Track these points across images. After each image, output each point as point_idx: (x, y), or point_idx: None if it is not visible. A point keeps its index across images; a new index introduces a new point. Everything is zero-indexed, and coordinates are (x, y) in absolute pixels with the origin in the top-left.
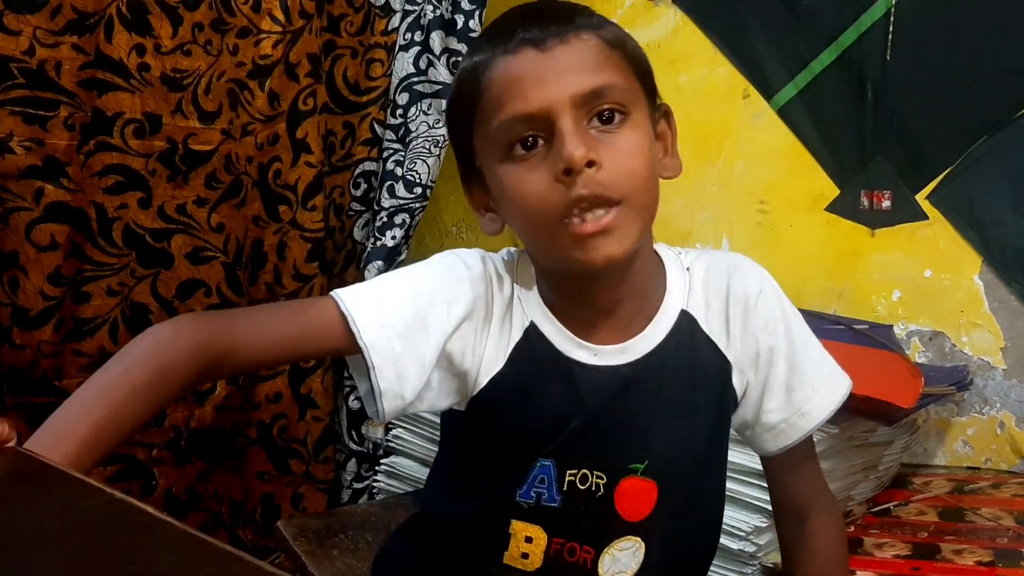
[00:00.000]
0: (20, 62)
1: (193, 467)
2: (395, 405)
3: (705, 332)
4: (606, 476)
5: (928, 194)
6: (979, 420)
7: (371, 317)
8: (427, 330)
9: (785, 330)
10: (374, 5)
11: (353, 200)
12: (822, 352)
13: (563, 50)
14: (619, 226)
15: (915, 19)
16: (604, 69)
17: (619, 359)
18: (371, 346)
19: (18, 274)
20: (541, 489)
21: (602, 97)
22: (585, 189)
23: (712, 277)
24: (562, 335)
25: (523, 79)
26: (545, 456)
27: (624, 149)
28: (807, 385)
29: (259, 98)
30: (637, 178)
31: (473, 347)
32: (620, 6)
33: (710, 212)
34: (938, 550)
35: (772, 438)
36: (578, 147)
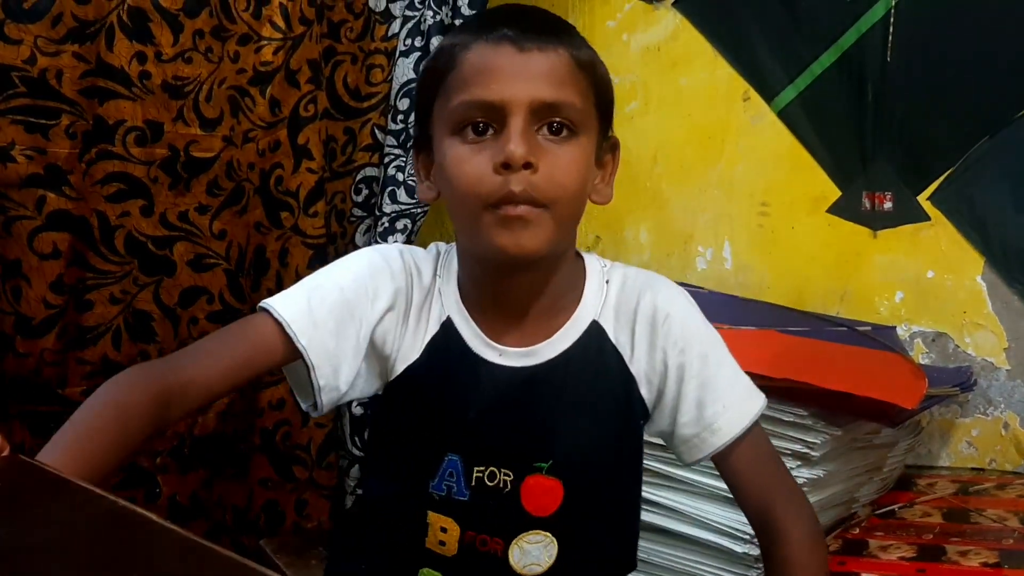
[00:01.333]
0: (21, 71)
1: (196, 474)
2: (332, 397)
3: (613, 343)
4: (512, 473)
5: (930, 195)
6: (983, 421)
7: (305, 320)
8: (355, 323)
9: (695, 350)
10: (374, 11)
11: (355, 206)
12: (736, 371)
13: (537, 57)
14: (536, 223)
15: (915, 20)
16: (567, 87)
17: (523, 361)
18: (308, 346)
19: (20, 283)
20: (451, 482)
21: (557, 111)
22: (518, 187)
23: (625, 293)
24: (473, 332)
25: (494, 70)
26: (453, 451)
27: (561, 161)
28: (718, 402)
29: (260, 105)
30: (565, 190)
31: (394, 335)
32: (620, 9)
33: (711, 215)
34: (943, 552)
35: (687, 451)
36: (520, 146)
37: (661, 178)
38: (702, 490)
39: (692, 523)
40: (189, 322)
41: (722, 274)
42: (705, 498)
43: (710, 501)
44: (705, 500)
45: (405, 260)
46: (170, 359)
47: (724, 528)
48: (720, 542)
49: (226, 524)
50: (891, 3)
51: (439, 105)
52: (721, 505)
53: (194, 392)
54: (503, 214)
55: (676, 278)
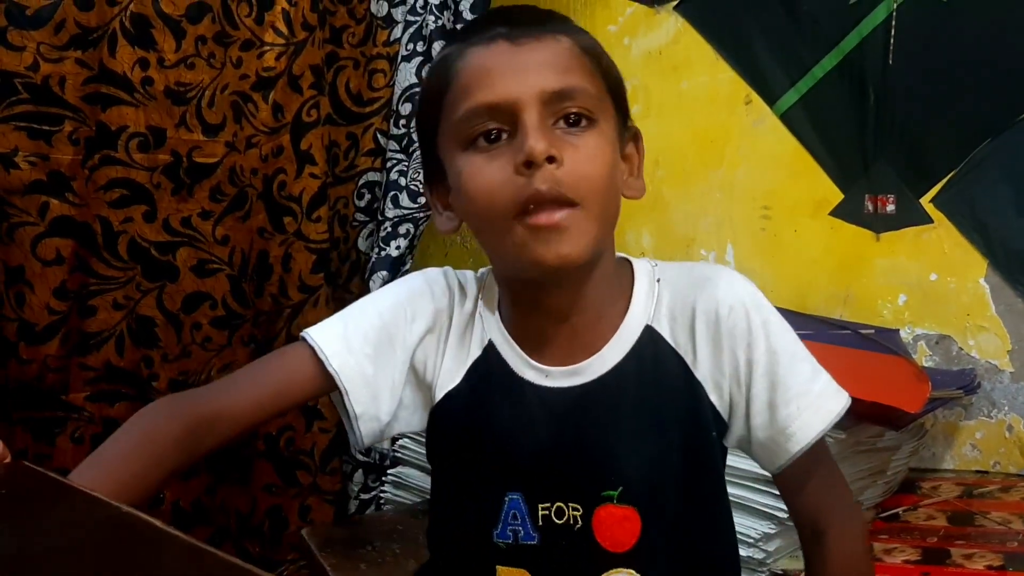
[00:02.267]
0: (24, 77)
1: (200, 480)
2: (372, 428)
3: (672, 347)
4: (581, 507)
5: (932, 198)
6: (987, 423)
7: (339, 345)
8: (394, 349)
9: (764, 344)
10: (376, 16)
11: (357, 211)
12: (814, 368)
13: (536, 47)
14: (572, 226)
15: (916, 23)
16: (575, 72)
17: (572, 380)
18: (341, 371)
19: (24, 289)
20: (516, 526)
21: (570, 99)
22: (544, 184)
23: (680, 289)
24: (515, 354)
25: (493, 70)
26: (512, 489)
27: (586, 152)
28: (791, 403)
29: (263, 110)
30: (596, 182)
31: (434, 360)
32: (621, 13)
33: (713, 218)
34: (948, 555)
35: (765, 456)
36: (540, 140)
37: (663, 182)
38: None
39: None
40: (192, 327)
41: None
42: None
43: None
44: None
45: (448, 281)
46: (201, 390)
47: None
48: None
49: (230, 530)
50: (892, 6)
51: (444, 125)
52: None
53: (225, 423)
54: (534, 223)
55: None
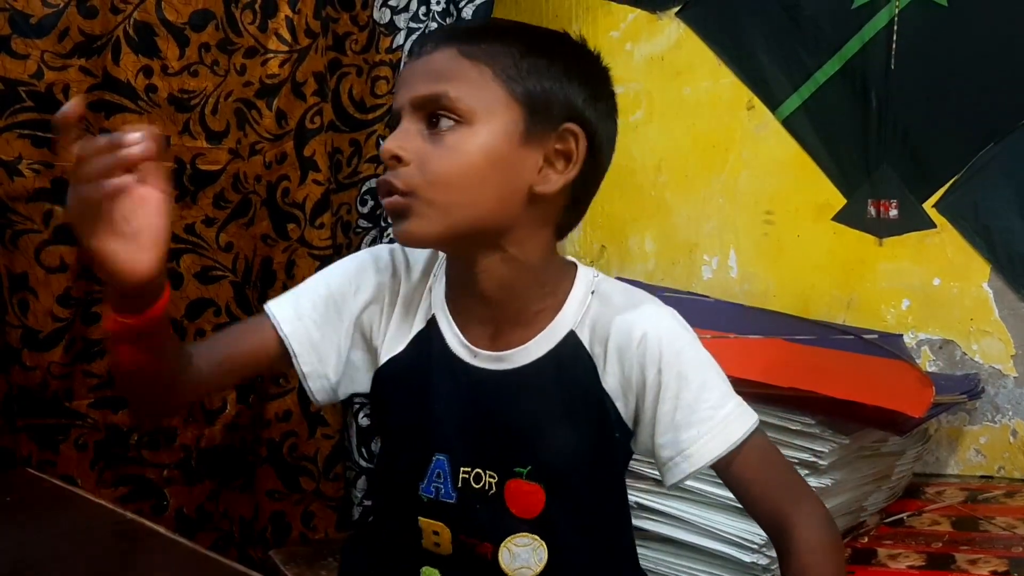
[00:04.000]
0: (28, 85)
1: (203, 486)
2: (321, 385)
3: (588, 353)
4: (496, 475)
5: (935, 202)
6: (991, 428)
7: (290, 312)
8: (340, 315)
9: (674, 370)
10: (378, 23)
11: (360, 217)
12: (723, 395)
13: (425, 60)
14: (408, 209)
15: (918, 28)
16: (448, 80)
17: (496, 365)
18: (290, 336)
19: (28, 296)
20: (439, 484)
21: (435, 103)
22: (389, 176)
23: (608, 306)
24: (452, 332)
25: (400, 81)
26: (440, 450)
27: (436, 152)
28: (694, 427)
29: (267, 117)
30: (434, 177)
31: (379, 326)
32: (623, 19)
33: (716, 223)
34: (952, 560)
35: (666, 472)
36: (391, 142)
37: (665, 187)
38: (710, 500)
39: (700, 533)
40: (196, 334)
41: (727, 283)
42: (713, 508)
43: (718, 511)
44: (713, 510)
45: (394, 257)
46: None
47: (732, 538)
48: (728, 552)
49: (233, 536)
50: (894, 11)
51: None
52: (729, 515)
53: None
54: (385, 204)
55: (681, 287)
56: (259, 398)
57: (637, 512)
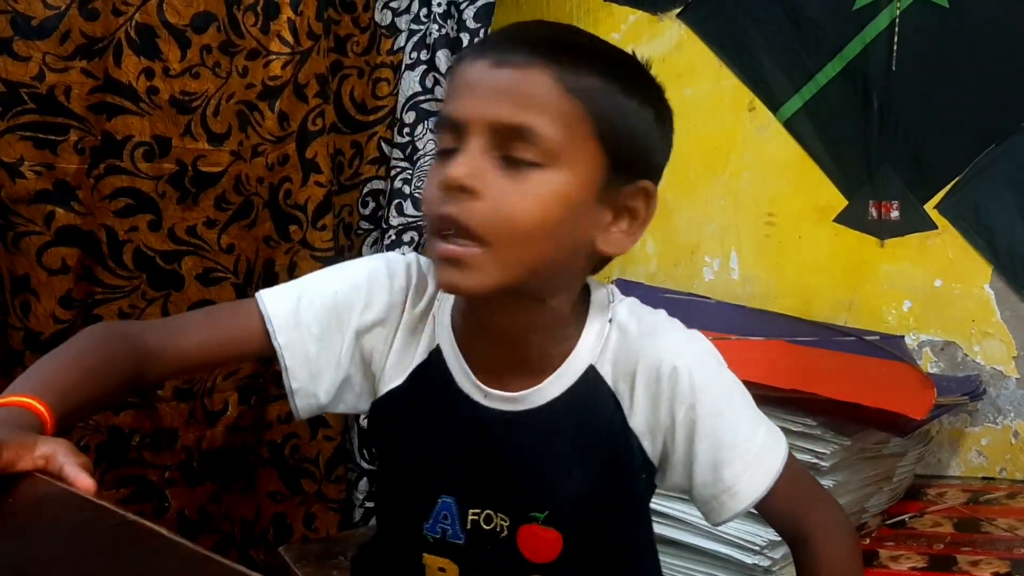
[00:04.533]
0: (30, 87)
1: (205, 488)
2: (308, 403)
3: (611, 390)
4: (509, 519)
5: (936, 203)
6: (993, 430)
7: (289, 319)
8: (342, 331)
9: (708, 406)
10: (380, 25)
11: (362, 219)
12: (754, 422)
13: (510, 75)
14: (473, 264)
15: (919, 29)
16: (537, 111)
17: (509, 406)
18: (285, 347)
19: (29, 298)
20: (445, 525)
21: (520, 138)
22: (451, 209)
23: (628, 337)
24: (459, 366)
25: (463, 85)
26: (447, 493)
27: (515, 194)
28: (736, 462)
29: (268, 119)
30: (513, 227)
31: (381, 352)
32: (624, 21)
33: (717, 225)
34: (954, 561)
35: (708, 513)
36: (461, 168)
37: (667, 189)
38: None
39: (703, 535)
40: None
41: (729, 284)
42: None
43: None
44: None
45: (409, 273)
46: (148, 323)
47: (735, 540)
48: (731, 554)
49: (235, 538)
50: (896, 12)
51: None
52: None
53: (168, 360)
54: (440, 249)
55: (683, 288)
56: (261, 400)
57: None
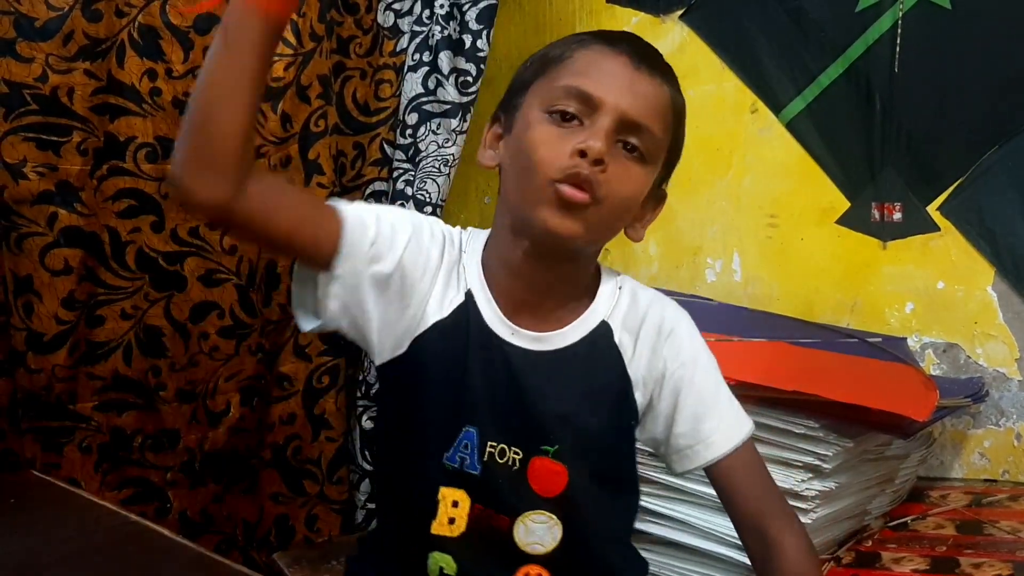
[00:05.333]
0: (33, 88)
1: (207, 489)
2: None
3: (616, 343)
4: (521, 452)
5: (939, 205)
6: (995, 432)
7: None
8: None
9: (697, 367)
10: (383, 27)
11: None
12: (730, 396)
13: (647, 79)
14: (587, 212)
15: (922, 31)
16: (656, 118)
17: (534, 345)
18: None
19: (32, 299)
20: (465, 454)
21: (638, 133)
22: (587, 171)
23: (636, 301)
24: (491, 308)
25: (605, 70)
26: (470, 423)
27: (627, 175)
28: (714, 417)
29: (271, 120)
30: (621, 198)
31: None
32: (627, 23)
33: (720, 227)
34: (957, 564)
35: (679, 460)
36: (605, 144)
37: (669, 190)
38: (710, 502)
39: (700, 535)
40: (200, 337)
41: (731, 286)
42: (713, 510)
43: (718, 513)
44: (713, 512)
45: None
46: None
47: (732, 540)
48: (728, 554)
49: (236, 539)
50: (899, 14)
51: (543, 82)
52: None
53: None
54: (562, 192)
55: (685, 290)
56: (263, 401)
57: (639, 515)
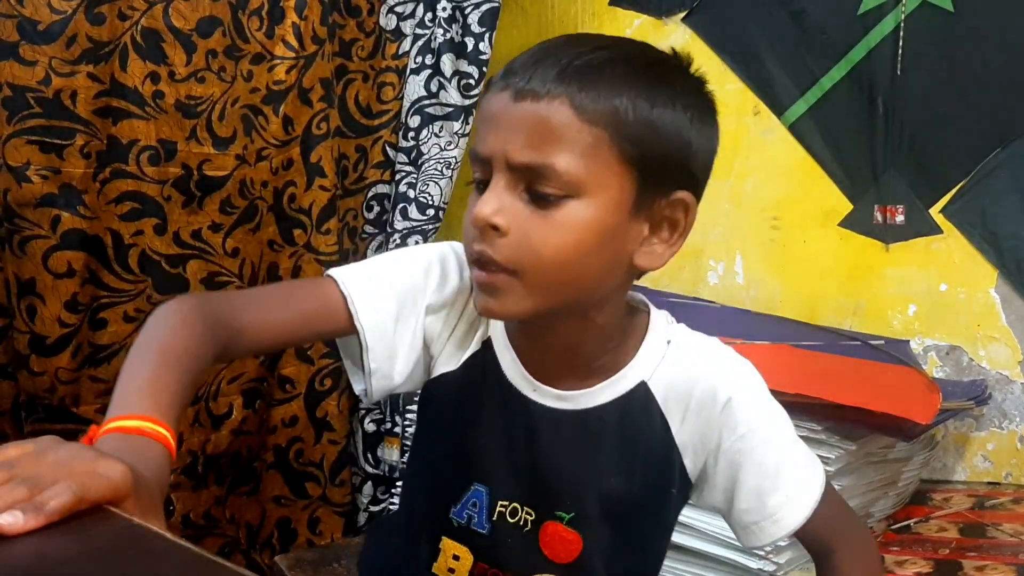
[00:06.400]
0: (36, 92)
1: (209, 492)
2: (383, 385)
3: (660, 407)
4: (534, 514)
5: (942, 208)
6: (998, 435)
7: (368, 299)
8: (416, 311)
9: (758, 436)
10: (385, 29)
11: (367, 223)
12: (795, 450)
13: (528, 109)
14: (503, 291)
15: (925, 33)
16: (554, 148)
17: (558, 403)
18: (367, 327)
19: (35, 301)
20: (473, 512)
21: (539, 177)
22: (480, 246)
23: (685, 363)
24: (511, 360)
25: (489, 120)
26: (481, 481)
27: (543, 227)
28: (780, 491)
29: (273, 123)
30: (541, 258)
31: (442, 335)
32: (629, 25)
33: (723, 229)
34: (960, 567)
35: (746, 536)
36: (487, 206)
37: None
38: None
39: (707, 539)
40: None
41: (734, 288)
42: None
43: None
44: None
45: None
46: (228, 299)
47: (734, 543)
48: (735, 558)
49: (239, 541)
50: (901, 16)
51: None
52: None
53: (251, 337)
54: (474, 276)
55: (688, 293)
56: (265, 404)
57: None
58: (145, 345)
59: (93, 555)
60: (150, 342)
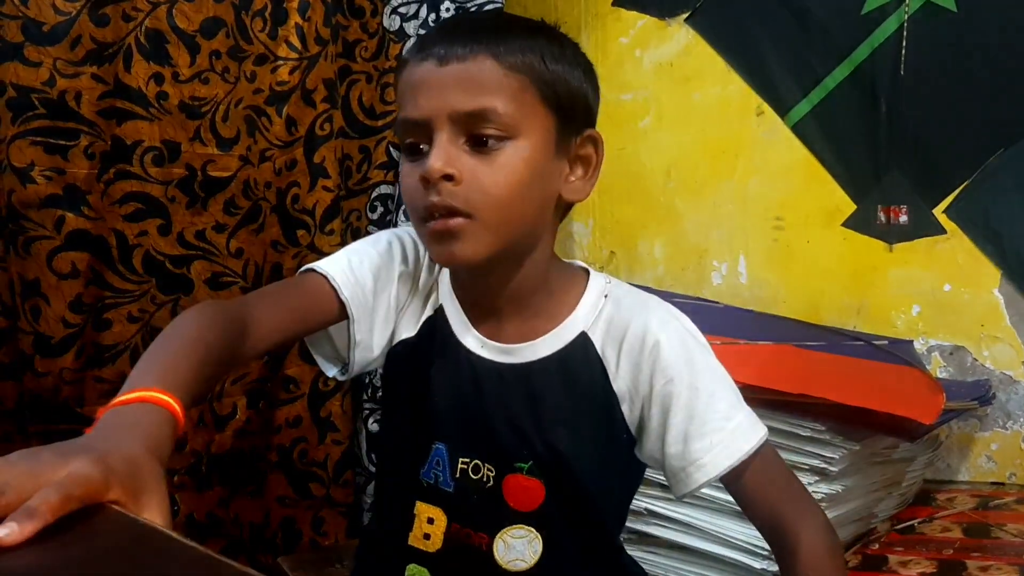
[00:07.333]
0: (41, 93)
1: (213, 492)
2: (364, 357)
3: (599, 355)
4: (495, 469)
5: (945, 208)
6: (1002, 435)
7: (347, 276)
8: (390, 283)
9: (685, 380)
10: (388, 30)
11: (370, 223)
12: (733, 405)
13: (457, 68)
14: (463, 232)
15: (928, 33)
16: (489, 94)
17: (502, 357)
18: (351, 300)
19: (39, 302)
20: (438, 471)
21: (480, 120)
22: (437, 198)
23: (621, 310)
24: (459, 319)
25: (417, 88)
26: (439, 439)
27: (487, 171)
28: (705, 437)
29: (276, 124)
30: (495, 196)
31: (404, 301)
32: (632, 26)
33: (726, 229)
34: (964, 567)
35: (674, 483)
36: (438, 160)
37: (675, 193)
38: (720, 506)
39: (710, 539)
40: None
41: (737, 289)
42: (723, 514)
43: (728, 517)
44: (723, 516)
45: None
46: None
47: (742, 544)
48: (738, 558)
49: (243, 541)
50: (904, 16)
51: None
52: (739, 521)
53: (262, 336)
54: (431, 228)
55: (691, 293)
56: (269, 404)
57: (647, 518)
58: (162, 336)
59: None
60: (167, 333)
